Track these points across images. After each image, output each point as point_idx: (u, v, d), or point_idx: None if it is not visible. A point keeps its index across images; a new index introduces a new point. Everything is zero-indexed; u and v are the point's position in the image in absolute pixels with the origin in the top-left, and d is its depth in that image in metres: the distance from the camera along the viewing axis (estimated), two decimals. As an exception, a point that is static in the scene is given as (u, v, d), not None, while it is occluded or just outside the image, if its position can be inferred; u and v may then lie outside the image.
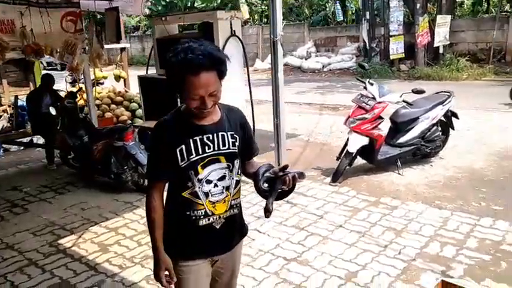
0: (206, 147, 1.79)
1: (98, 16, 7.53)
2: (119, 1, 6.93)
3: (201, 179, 1.79)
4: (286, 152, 5.49)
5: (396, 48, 13.16)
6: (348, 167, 5.06)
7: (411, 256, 3.42)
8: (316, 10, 20.60)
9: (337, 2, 17.56)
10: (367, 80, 5.03)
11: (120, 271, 3.48)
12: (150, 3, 15.35)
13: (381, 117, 4.94)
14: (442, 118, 5.37)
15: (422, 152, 5.34)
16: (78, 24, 6.78)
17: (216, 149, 1.80)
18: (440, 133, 5.40)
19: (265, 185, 1.80)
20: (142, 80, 6.52)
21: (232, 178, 1.86)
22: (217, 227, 1.86)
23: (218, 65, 1.66)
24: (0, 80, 8.42)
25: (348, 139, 5.02)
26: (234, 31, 5.61)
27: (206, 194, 1.81)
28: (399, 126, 5.21)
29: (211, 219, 1.84)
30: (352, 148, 4.91)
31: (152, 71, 6.78)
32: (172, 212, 1.87)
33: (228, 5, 15.91)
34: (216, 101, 1.73)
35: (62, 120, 5.58)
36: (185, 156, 1.76)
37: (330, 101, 10.70)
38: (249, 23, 20.31)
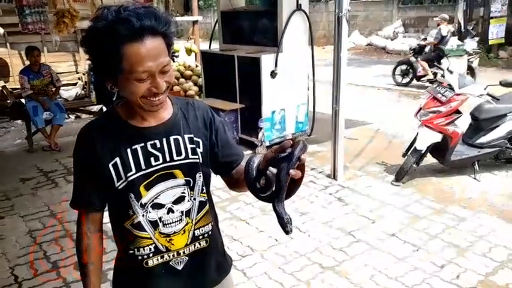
0: (152, 159, 1.28)
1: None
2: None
3: (145, 204, 1.29)
4: (347, 142, 4.99)
5: (496, 32, 11.63)
6: (415, 166, 4.45)
7: (472, 283, 2.84)
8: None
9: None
10: (446, 67, 4.31)
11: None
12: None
13: (458, 112, 4.22)
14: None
15: (506, 156, 4.52)
16: (148, -6, 6.73)
17: (167, 160, 1.30)
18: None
19: (262, 181, 1.21)
20: (204, 54, 6.31)
21: (194, 199, 1.35)
22: (179, 267, 1.37)
23: (165, 28, 1.17)
24: (77, 48, 8.73)
25: (417, 134, 4.39)
26: (300, 5, 5.18)
27: (154, 224, 1.31)
28: (481, 123, 4.43)
29: (166, 256, 1.34)
30: (421, 145, 4.27)
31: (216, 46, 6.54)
32: (119, 249, 1.40)
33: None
34: (170, 83, 1.21)
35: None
36: (122, 174, 1.26)
37: (412, 87, 9.77)
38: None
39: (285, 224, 1.14)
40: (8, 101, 7.26)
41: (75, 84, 8.79)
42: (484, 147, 4.41)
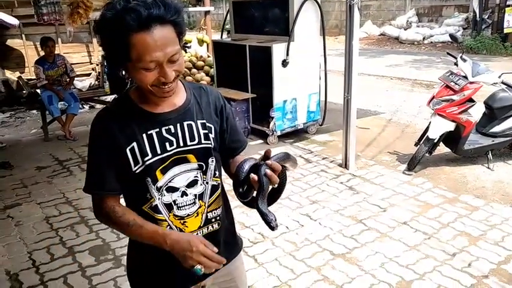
0: (167, 144, 1.30)
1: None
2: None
3: (160, 187, 1.31)
4: (358, 132, 4.98)
5: (512, 21, 11.43)
6: (427, 155, 4.42)
7: (484, 272, 2.83)
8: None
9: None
10: (460, 55, 4.26)
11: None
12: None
13: (472, 100, 4.18)
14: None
15: (521, 145, 4.49)
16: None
17: (181, 144, 1.32)
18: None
19: (244, 188, 1.28)
20: (216, 44, 6.33)
21: (207, 183, 1.39)
22: None
23: (175, 17, 1.16)
24: (91, 39, 8.81)
25: (429, 123, 4.36)
26: (312, -6, 5.13)
27: (169, 206, 1.34)
28: (495, 112, 4.38)
29: None
30: (434, 134, 4.25)
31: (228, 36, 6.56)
32: None
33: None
34: (180, 72, 1.22)
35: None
36: (139, 158, 1.28)
37: (424, 77, 9.67)
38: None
39: (269, 221, 1.18)
40: (24, 92, 7.38)
41: (88, 74, 8.89)
42: (498, 137, 4.37)
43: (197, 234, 1.39)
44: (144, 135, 1.28)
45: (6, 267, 3.13)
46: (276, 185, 1.26)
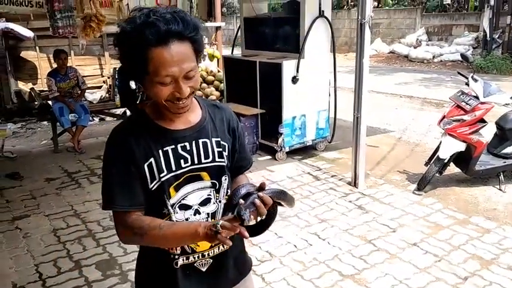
0: (182, 161, 1.30)
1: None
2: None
3: (173, 205, 1.31)
4: (368, 150, 4.94)
5: (523, 41, 11.40)
6: (437, 175, 4.38)
7: (496, 297, 2.78)
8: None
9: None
10: (471, 74, 4.24)
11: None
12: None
13: (483, 121, 4.15)
14: None
15: (534, 167, 4.43)
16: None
17: (195, 162, 1.32)
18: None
19: (230, 214, 1.23)
20: (226, 60, 6.37)
21: (220, 201, 1.38)
22: (203, 269, 1.39)
23: (193, 33, 1.18)
24: (103, 52, 8.91)
25: (440, 143, 4.33)
26: (323, 11, 5.18)
27: None
28: (507, 133, 4.34)
29: (191, 258, 1.36)
30: (444, 154, 4.21)
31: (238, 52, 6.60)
32: (148, 250, 1.38)
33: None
34: (195, 88, 1.23)
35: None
36: (156, 175, 1.27)
37: (434, 95, 9.65)
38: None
39: (241, 214, 1.12)
40: (36, 103, 7.46)
41: (100, 87, 8.98)
42: (509, 158, 4.32)
43: (208, 254, 1.38)
44: (160, 151, 1.28)
45: (13, 280, 3.12)
46: (264, 218, 1.22)
